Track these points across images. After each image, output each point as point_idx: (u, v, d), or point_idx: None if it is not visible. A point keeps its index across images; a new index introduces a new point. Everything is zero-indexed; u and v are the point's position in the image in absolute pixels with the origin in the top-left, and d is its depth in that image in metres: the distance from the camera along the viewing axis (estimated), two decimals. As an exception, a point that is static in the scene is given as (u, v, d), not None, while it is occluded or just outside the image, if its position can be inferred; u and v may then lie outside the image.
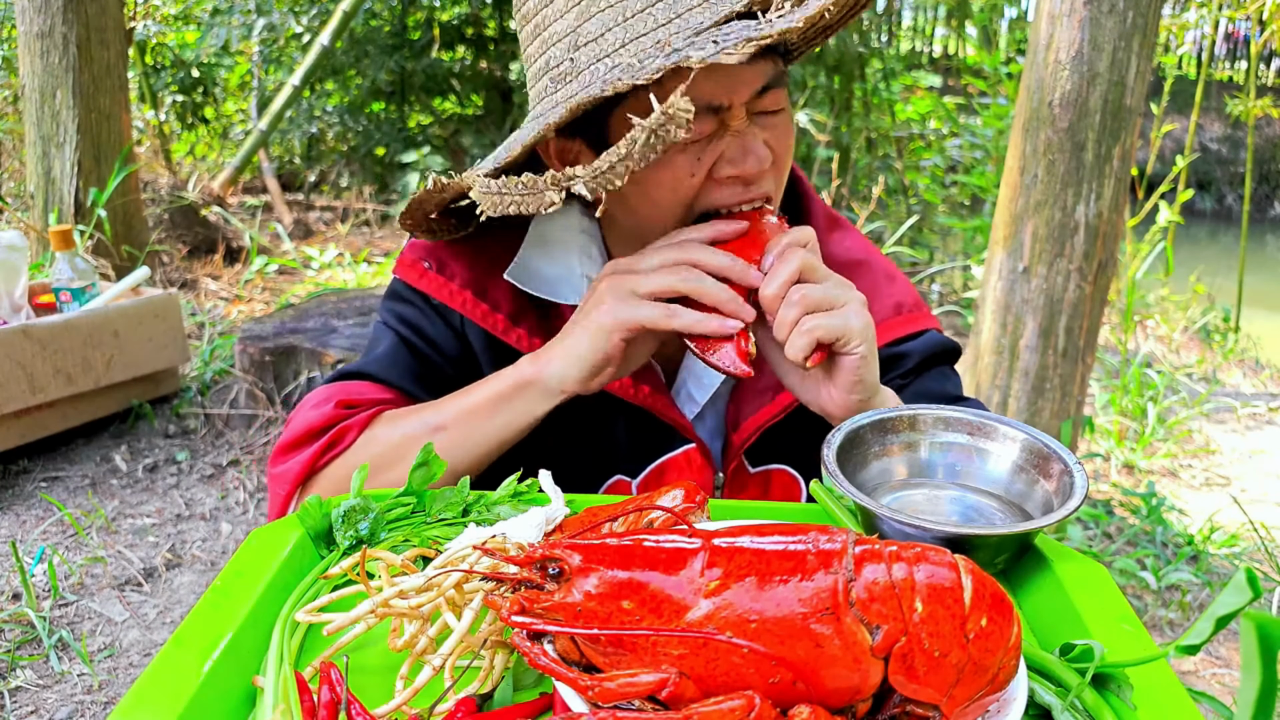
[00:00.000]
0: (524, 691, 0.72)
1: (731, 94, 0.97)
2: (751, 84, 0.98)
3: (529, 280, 1.15)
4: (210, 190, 6.41)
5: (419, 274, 1.15)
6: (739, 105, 0.98)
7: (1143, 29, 2.80)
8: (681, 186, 1.00)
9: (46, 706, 2.21)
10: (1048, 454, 0.89)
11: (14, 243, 3.25)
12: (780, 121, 1.04)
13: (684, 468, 1.17)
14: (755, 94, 0.99)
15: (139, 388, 3.59)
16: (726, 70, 0.92)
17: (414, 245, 1.17)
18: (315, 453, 1.06)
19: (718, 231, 1.00)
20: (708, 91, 0.95)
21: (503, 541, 0.77)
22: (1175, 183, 5.40)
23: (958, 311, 5.67)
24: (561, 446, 1.14)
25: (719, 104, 0.97)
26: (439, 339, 1.16)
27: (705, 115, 0.96)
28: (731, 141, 0.99)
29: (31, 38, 4.43)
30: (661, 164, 0.98)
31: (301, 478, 1.07)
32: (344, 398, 1.11)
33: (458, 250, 1.16)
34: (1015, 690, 0.63)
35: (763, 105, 1.01)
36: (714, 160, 1.00)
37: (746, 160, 0.99)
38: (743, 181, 1.01)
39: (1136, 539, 3.36)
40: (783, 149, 1.05)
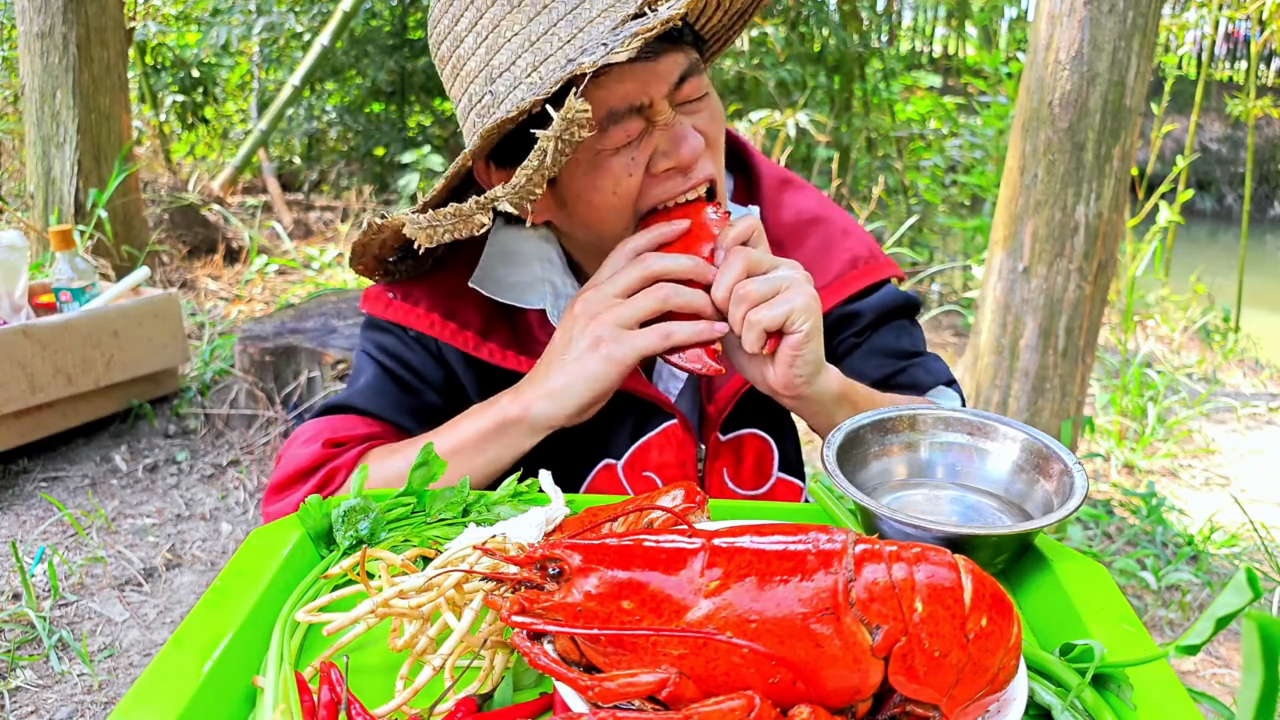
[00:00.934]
0: (524, 691, 0.72)
1: (649, 91, 1.00)
2: (666, 78, 1.01)
3: (494, 288, 1.17)
4: (210, 190, 6.42)
5: (385, 304, 1.18)
6: (660, 100, 1.01)
7: (1143, 29, 2.80)
8: (622, 188, 1.03)
9: (46, 706, 2.22)
10: (1048, 454, 0.89)
11: (14, 243, 3.25)
12: (705, 106, 1.07)
13: (667, 444, 1.19)
14: (674, 86, 1.02)
15: (139, 388, 3.59)
16: (639, 70, 0.98)
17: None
18: (306, 495, 1.08)
19: (662, 235, 1.03)
20: (626, 93, 0.99)
21: (503, 541, 0.77)
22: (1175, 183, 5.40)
23: (958, 311, 5.67)
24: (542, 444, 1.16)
25: (640, 103, 1.00)
26: (421, 367, 1.18)
27: (630, 117, 1.00)
28: (661, 135, 1.02)
29: (31, 38, 4.43)
30: (598, 171, 1.02)
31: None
32: (331, 435, 1.13)
33: (419, 277, 1.19)
34: (1015, 690, 0.63)
35: (684, 95, 1.03)
36: (649, 157, 1.02)
37: (680, 150, 1.02)
38: (680, 171, 1.04)
39: (1136, 539, 3.36)
40: (713, 132, 1.07)
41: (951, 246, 6.44)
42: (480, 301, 1.18)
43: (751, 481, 1.24)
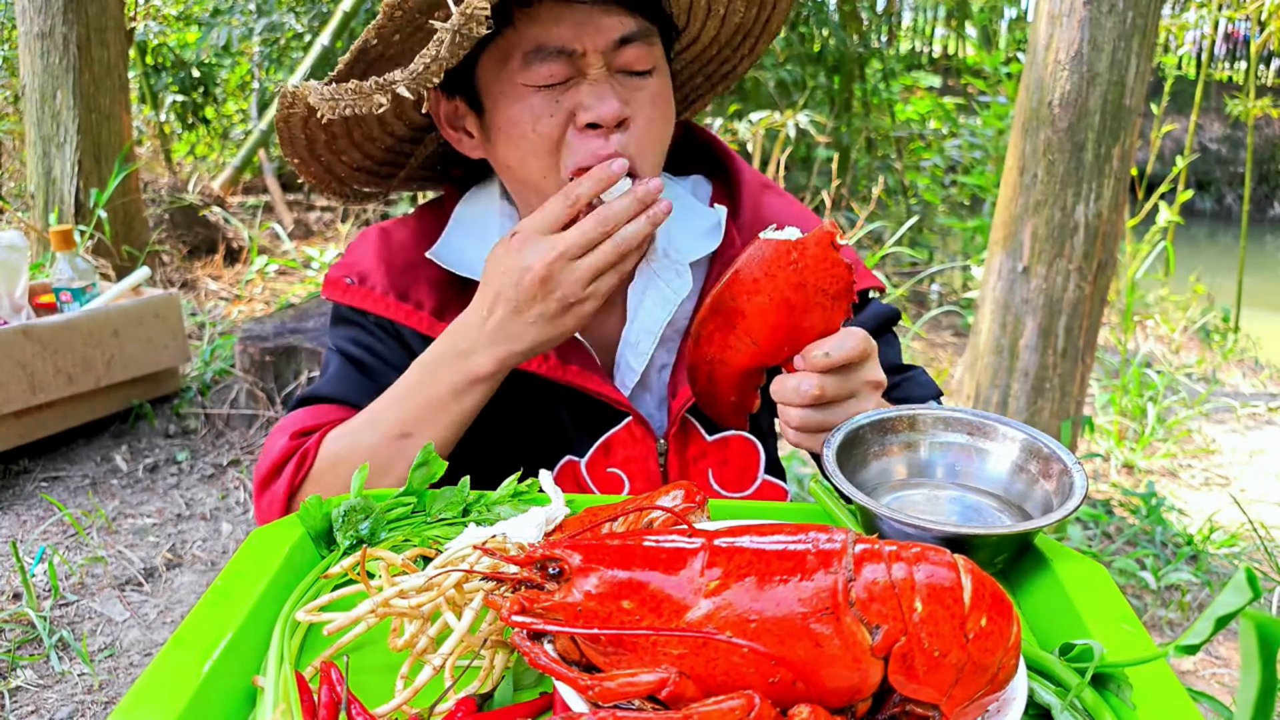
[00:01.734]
0: (524, 691, 0.72)
1: (582, 39, 1.02)
2: (605, 33, 1.02)
3: (452, 259, 1.19)
4: (210, 190, 6.41)
5: (342, 290, 1.20)
6: (593, 53, 1.02)
7: (1142, 29, 2.80)
8: (541, 127, 1.04)
9: (47, 706, 2.22)
10: (1047, 454, 0.89)
11: (14, 243, 3.25)
12: (645, 85, 1.07)
13: (627, 440, 1.20)
14: (613, 45, 1.03)
15: (139, 388, 3.59)
16: (576, 13, 1.00)
17: (335, 266, 1.23)
18: (289, 481, 1.10)
19: (603, 179, 1.02)
20: (557, 35, 1.01)
21: (503, 541, 0.77)
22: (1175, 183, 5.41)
23: (957, 311, 5.67)
24: (506, 435, 1.18)
25: (570, 48, 1.02)
26: (384, 352, 1.20)
27: (556, 58, 1.02)
28: (588, 89, 1.03)
29: (32, 38, 4.43)
30: (519, 104, 1.04)
31: (285, 506, 1.11)
32: (300, 426, 1.15)
33: (376, 261, 1.21)
34: (1015, 690, 0.63)
35: (624, 61, 1.05)
36: (572, 107, 1.04)
37: (601, 105, 1.02)
38: (601, 133, 1.04)
39: (1136, 539, 3.36)
40: (646, 115, 1.07)
41: (951, 246, 6.44)
42: (436, 280, 1.20)
43: (736, 483, 1.24)
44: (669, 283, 1.19)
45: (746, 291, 0.93)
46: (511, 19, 1.02)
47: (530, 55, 1.02)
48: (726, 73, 1.28)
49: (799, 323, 0.93)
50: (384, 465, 1.07)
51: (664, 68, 1.10)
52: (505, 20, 1.02)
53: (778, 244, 0.92)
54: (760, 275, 0.92)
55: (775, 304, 0.92)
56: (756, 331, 0.94)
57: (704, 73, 1.28)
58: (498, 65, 1.05)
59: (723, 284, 0.95)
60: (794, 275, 0.92)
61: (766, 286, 0.92)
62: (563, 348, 1.18)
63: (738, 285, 0.93)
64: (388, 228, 1.26)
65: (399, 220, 1.27)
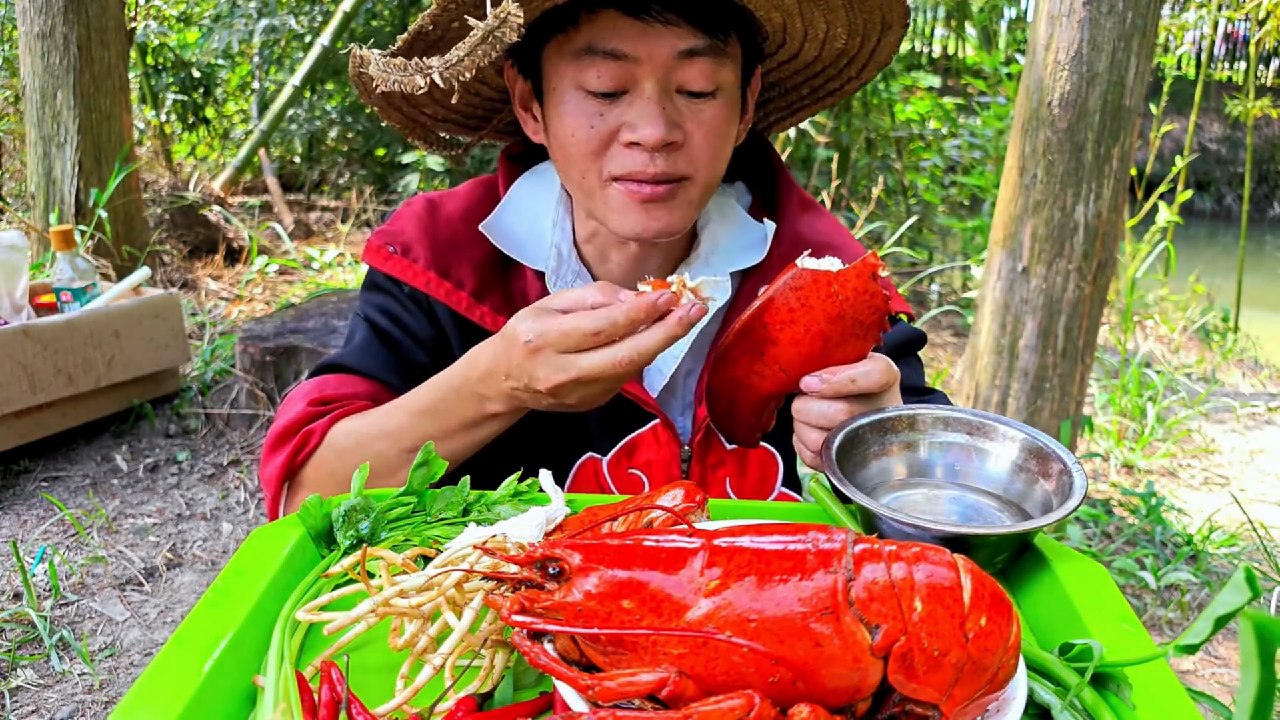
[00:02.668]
0: (524, 691, 0.72)
1: (638, 46, 0.99)
2: (664, 44, 0.99)
3: (500, 236, 1.17)
4: (211, 190, 6.41)
5: (384, 258, 1.18)
6: (648, 64, 1.00)
7: (1142, 29, 2.80)
8: (581, 132, 1.03)
9: (47, 706, 2.22)
10: (1047, 454, 0.89)
11: (15, 243, 3.25)
12: (705, 107, 1.04)
13: (652, 443, 1.19)
14: (674, 58, 1.00)
15: (139, 388, 3.59)
16: (634, 24, 0.98)
17: (379, 233, 1.21)
18: (288, 456, 1.10)
19: (640, 307, 0.92)
20: (614, 38, 0.99)
21: (503, 541, 0.77)
22: (1174, 183, 5.40)
23: (957, 311, 5.67)
24: (530, 429, 1.16)
25: (623, 52, 0.99)
26: (413, 325, 1.19)
27: (606, 59, 1.00)
28: (636, 107, 1.01)
29: (32, 38, 4.43)
30: (568, 102, 1.03)
31: (282, 479, 1.11)
32: (319, 394, 1.14)
33: (421, 233, 1.19)
34: (1015, 689, 0.63)
35: (684, 79, 1.02)
36: (618, 122, 1.02)
37: (642, 128, 1.00)
38: (644, 150, 1.02)
39: (1136, 539, 3.36)
40: (702, 136, 1.05)
41: (951, 246, 6.44)
42: (479, 260, 1.18)
43: (754, 494, 1.24)
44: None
45: (780, 320, 0.91)
46: (577, 20, 1.01)
47: (582, 54, 1.00)
48: (833, 89, 1.25)
49: (831, 353, 0.92)
50: (388, 471, 1.07)
51: (731, 88, 1.07)
52: (571, 21, 1.01)
53: (817, 275, 0.89)
54: (796, 305, 0.90)
55: (810, 335, 0.91)
56: (786, 360, 0.93)
57: (809, 85, 1.25)
58: (557, 59, 1.04)
59: (754, 310, 0.92)
60: (832, 307, 0.89)
61: (802, 317, 0.90)
62: None
63: (771, 313, 0.91)
64: (436, 200, 1.23)
65: (448, 193, 1.25)
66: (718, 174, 1.11)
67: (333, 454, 1.09)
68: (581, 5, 1.00)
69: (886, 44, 1.13)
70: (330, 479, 1.09)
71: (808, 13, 1.05)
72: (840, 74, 1.21)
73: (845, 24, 1.07)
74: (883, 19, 1.08)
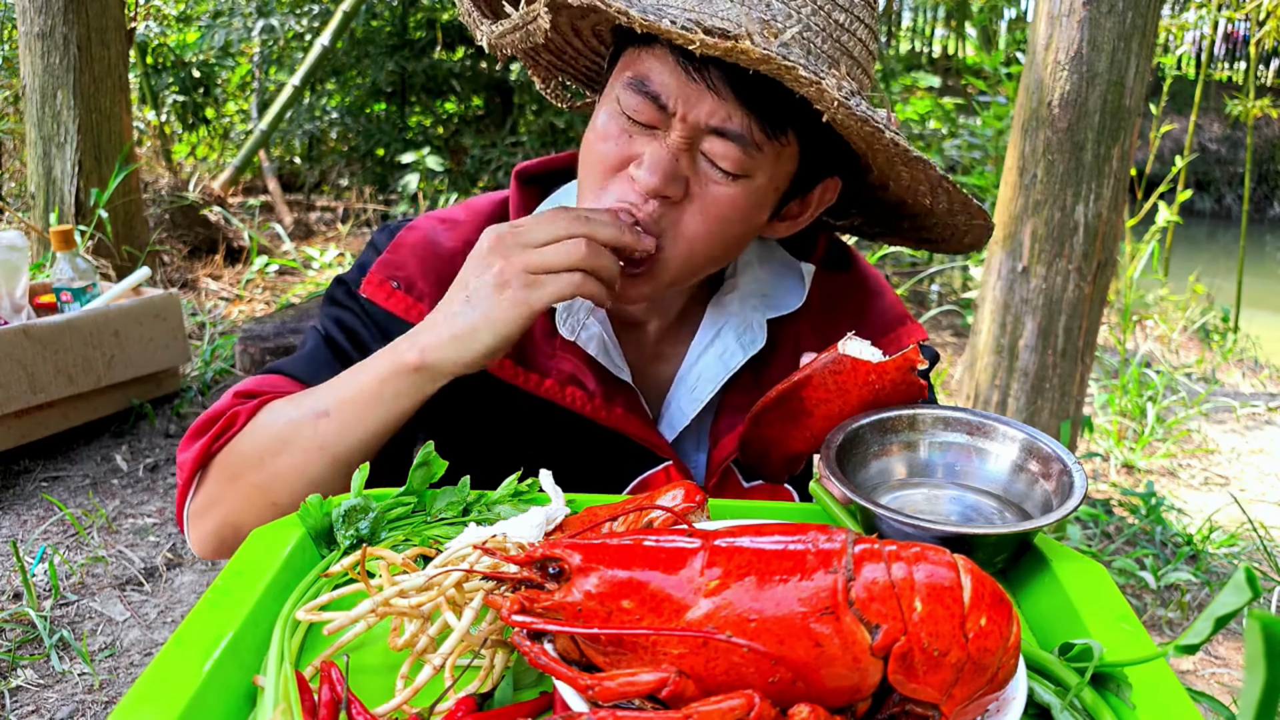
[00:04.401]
0: (524, 691, 0.72)
1: (677, 100, 0.95)
2: (703, 107, 0.95)
3: None
4: (211, 190, 6.42)
5: (386, 293, 1.12)
6: (679, 118, 0.96)
7: (1142, 29, 2.80)
8: (606, 147, 1.00)
9: (47, 706, 2.22)
10: (1047, 454, 0.89)
11: (15, 243, 3.25)
12: (721, 183, 0.98)
13: (663, 484, 1.16)
14: (702, 125, 0.96)
15: (140, 387, 3.59)
16: (679, 77, 0.94)
17: (381, 263, 1.13)
18: (208, 440, 1.05)
19: (601, 220, 0.96)
20: (660, 81, 0.96)
21: (503, 541, 0.77)
22: (1174, 183, 5.41)
23: (957, 311, 5.67)
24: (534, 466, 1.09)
25: (663, 101, 0.96)
26: (369, 343, 1.13)
27: (647, 99, 0.96)
28: (653, 148, 0.97)
29: (32, 38, 4.43)
30: (606, 113, 1.01)
31: (197, 464, 1.06)
32: (245, 389, 1.09)
33: (425, 268, 1.13)
34: (1015, 690, 0.63)
35: (709, 149, 0.97)
36: (632, 153, 0.99)
37: (643, 169, 0.97)
38: (639, 192, 0.99)
39: (1135, 538, 3.36)
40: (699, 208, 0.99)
41: (951, 246, 6.43)
42: None
43: None
44: (739, 336, 1.16)
45: (817, 398, 0.94)
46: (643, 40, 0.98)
47: (631, 82, 0.97)
48: (928, 240, 1.21)
49: None
50: (295, 440, 1.01)
51: (764, 178, 1.00)
52: (640, 40, 0.98)
53: (856, 364, 0.91)
54: (834, 387, 0.93)
55: (844, 415, 0.93)
56: (818, 429, 0.95)
57: (909, 220, 1.19)
58: (621, 67, 1.02)
59: (793, 382, 0.94)
60: (868, 394, 0.92)
61: (838, 398, 0.93)
62: (609, 386, 1.12)
63: (809, 390, 0.94)
64: (441, 229, 1.17)
65: (452, 220, 1.19)
66: (702, 258, 1.04)
67: (251, 429, 1.04)
68: (636, 36, 0.97)
69: (975, 227, 1.11)
70: (243, 460, 1.04)
71: (882, 151, 0.98)
72: (934, 228, 1.16)
73: (928, 182, 1.03)
74: (964, 204, 1.05)
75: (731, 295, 1.18)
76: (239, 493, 1.04)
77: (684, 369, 1.19)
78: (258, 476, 1.02)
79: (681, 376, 1.19)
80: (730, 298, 1.18)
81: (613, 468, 1.15)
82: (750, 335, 1.17)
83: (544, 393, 1.11)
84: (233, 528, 1.04)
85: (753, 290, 1.19)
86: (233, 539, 1.04)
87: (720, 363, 1.16)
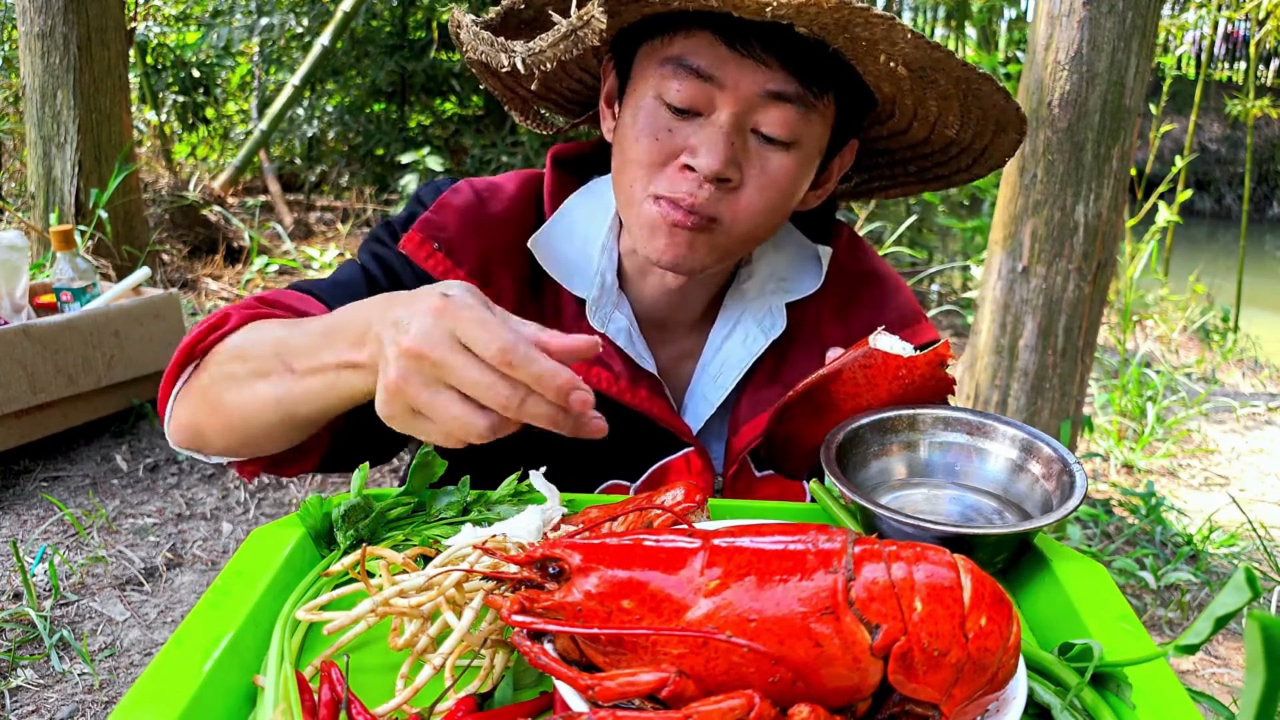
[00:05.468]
0: (524, 690, 0.72)
1: (726, 72, 0.96)
2: (754, 77, 0.96)
3: (548, 257, 1.13)
4: (211, 190, 6.41)
5: (427, 253, 1.09)
6: (731, 92, 0.97)
7: (1142, 29, 2.80)
8: (646, 140, 1.00)
9: (47, 706, 2.22)
10: (1047, 453, 0.89)
11: (15, 243, 3.25)
12: (773, 156, 1.00)
13: (683, 471, 1.16)
14: (757, 95, 0.97)
15: (140, 387, 3.59)
16: (724, 53, 0.95)
17: (424, 221, 1.10)
18: (197, 334, 0.98)
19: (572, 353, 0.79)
20: (705, 59, 0.96)
21: (503, 540, 0.77)
22: (1174, 183, 5.41)
23: (957, 311, 5.67)
24: (553, 449, 1.03)
25: (710, 74, 0.96)
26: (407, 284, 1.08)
27: (693, 78, 0.97)
28: (703, 132, 0.98)
29: (32, 38, 4.43)
30: (644, 108, 1.00)
31: (181, 355, 0.99)
32: (265, 296, 1.04)
33: (468, 233, 1.12)
34: (1014, 689, 0.63)
35: (764, 121, 0.98)
36: (682, 143, 0.99)
37: (702, 155, 0.97)
38: (693, 179, 0.99)
39: (1135, 538, 3.36)
40: (757, 187, 1.00)
41: (951, 246, 6.45)
42: (521, 276, 1.13)
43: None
44: (759, 321, 1.17)
45: (845, 393, 0.94)
46: (675, 30, 0.98)
47: (670, 62, 0.97)
48: (941, 175, 1.20)
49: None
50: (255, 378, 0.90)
51: (811, 147, 1.02)
52: (669, 29, 0.98)
53: (887, 357, 0.92)
54: (863, 381, 0.93)
55: (871, 409, 0.94)
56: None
57: (917, 164, 1.20)
58: (647, 63, 1.01)
59: (821, 377, 0.94)
60: (897, 388, 0.92)
61: (867, 392, 0.93)
62: (632, 371, 1.12)
63: (837, 385, 0.94)
64: (484, 195, 1.15)
65: (495, 186, 1.16)
66: (762, 231, 1.06)
67: (230, 346, 0.96)
68: (680, 21, 0.97)
69: (999, 145, 1.09)
70: (217, 374, 0.95)
71: (918, 91, 1.00)
72: (950, 161, 1.16)
73: (958, 113, 1.04)
74: (997, 120, 1.04)
75: (750, 282, 1.19)
76: (206, 402, 0.97)
77: (705, 357, 1.19)
78: (218, 394, 0.95)
79: (704, 365, 1.19)
80: (749, 285, 1.19)
81: (633, 453, 1.15)
82: (770, 320, 1.17)
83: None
84: (197, 432, 0.99)
85: (770, 275, 1.19)
86: (196, 441, 1.00)
87: (744, 348, 1.17)
